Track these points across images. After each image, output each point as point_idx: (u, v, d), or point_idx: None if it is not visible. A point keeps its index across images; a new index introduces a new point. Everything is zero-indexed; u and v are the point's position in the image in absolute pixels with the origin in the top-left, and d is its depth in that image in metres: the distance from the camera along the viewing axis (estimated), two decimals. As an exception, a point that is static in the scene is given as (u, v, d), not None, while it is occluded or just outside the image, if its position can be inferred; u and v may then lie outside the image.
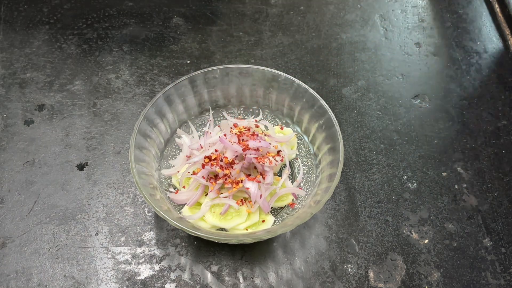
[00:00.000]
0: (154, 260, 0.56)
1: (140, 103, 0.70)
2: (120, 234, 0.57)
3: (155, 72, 0.73)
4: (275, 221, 0.56)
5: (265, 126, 0.62)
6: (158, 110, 0.58)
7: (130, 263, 0.55)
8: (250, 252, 0.57)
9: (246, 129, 0.59)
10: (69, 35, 0.77)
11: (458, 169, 0.64)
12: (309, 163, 0.61)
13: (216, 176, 0.55)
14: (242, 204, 0.55)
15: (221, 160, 0.55)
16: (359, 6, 0.85)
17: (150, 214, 0.59)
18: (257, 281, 0.55)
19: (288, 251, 0.57)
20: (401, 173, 0.64)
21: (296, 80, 0.60)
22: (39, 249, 0.56)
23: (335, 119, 0.56)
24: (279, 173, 0.61)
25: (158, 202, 0.52)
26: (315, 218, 0.59)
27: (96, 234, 0.57)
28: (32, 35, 0.77)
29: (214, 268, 0.55)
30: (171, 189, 0.58)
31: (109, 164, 0.63)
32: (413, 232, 0.59)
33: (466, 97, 0.72)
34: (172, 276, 0.55)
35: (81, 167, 0.63)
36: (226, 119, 0.63)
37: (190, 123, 0.63)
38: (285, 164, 0.60)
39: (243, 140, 0.57)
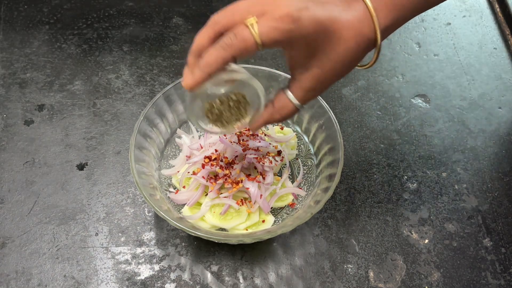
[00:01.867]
0: (154, 260, 0.56)
1: (140, 103, 0.70)
2: (120, 234, 0.57)
3: (155, 72, 0.73)
4: (275, 221, 0.56)
5: (265, 126, 0.62)
6: (158, 110, 0.58)
7: (130, 263, 0.55)
8: (250, 252, 0.57)
9: (246, 129, 0.59)
10: (69, 35, 0.77)
11: (458, 169, 0.64)
12: (309, 163, 0.61)
13: (216, 176, 0.55)
14: (242, 204, 0.55)
15: (221, 160, 0.55)
16: (359, 6, 0.85)
17: (150, 214, 0.59)
18: (257, 281, 0.55)
19: (288, 251, 0.57)
20: (401, 173, 0.64)
21: (296, 80, 0.59)
22: (39, 249, 0.56)
23: (335, 119, 0.56)
24: (279, 173, 0.61)
25: (158, 202, 0.52)
26: (315, 218, 0.59)
27: (96, 234, 0.57)
28: (32, 35, 0.77)
29: (214, 268, 0.55)
30: (171, 189, 0.59)
31: (109, 164, 0.63)
32: (413, 232, 0.59)
33: (466, 97, 0.72)
34: (172, 276, 0.55)
35: (81, 167, 0.63)
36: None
37: (190, 123, 0.63)
38: (285, 164, 0.60)
39: (243, 140, 0.57)
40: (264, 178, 0.56)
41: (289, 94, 0.44)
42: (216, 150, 0.56)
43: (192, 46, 0.41)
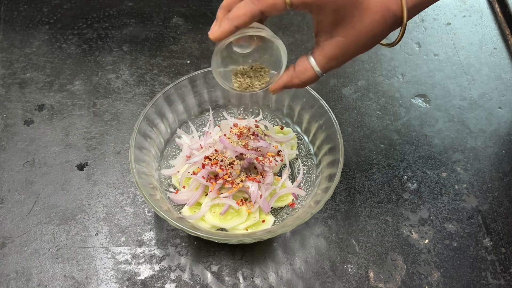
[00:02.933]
0: (154, 260, 0.56)
1: (140, 103, 0.70)
2: (120, 234, 0.57)
3: (155, 72, 0.73)
4: (275, 221, 0.56)
5: (265, 126, 0.62)
6: (158, 110, 0.58)
7: (130, 263, 0.55)
8: (250, 252, 0.57)
9: (246, 129, 0.59)
10: (69, 35, 0.77)
11: (458, 169, 0.64)
12: (309, 163, 0.61)
13: (216, 176, 0.55)
14: (242, 204, 0.55)
15: (221, 160, 0.55)
16: (359, 6, 0.85)
17: (150, 214, 0.59)
18: (257, 281, 0.55)
19: (288, 251, 0.57)
20: (401, 173, 0.64)
21: (296, 80, 0.59)
22: (39, 249, 0.56)
23: (335, 119, 0.56)
24: (279, 173, 0.61)
25: (158, 202, 0.52)
26: (315, 218, 0.59)
27: (96, 234, 0.57)
28: (32, 35, 0.77)
29: (214, 268, 0.55)
30: (171, 189, 0.59)
31: (109, 164, 0.63)
32: (413, 232, 0.59)
33: (466, 97, 0.72)
34: (172, 276, 0.55)
35: (81, 167, 0.63)
36: (226, 119, 0.63)
37: (190, 123, 0.63)
38: (285, 164, 0.60)
39: (243, 140, 0.57)
40: (264, 178, 0.56)
41: (311, 59, 0.45)
42: (216, 150, 0.56)
43: (223, 2, 0.42)
